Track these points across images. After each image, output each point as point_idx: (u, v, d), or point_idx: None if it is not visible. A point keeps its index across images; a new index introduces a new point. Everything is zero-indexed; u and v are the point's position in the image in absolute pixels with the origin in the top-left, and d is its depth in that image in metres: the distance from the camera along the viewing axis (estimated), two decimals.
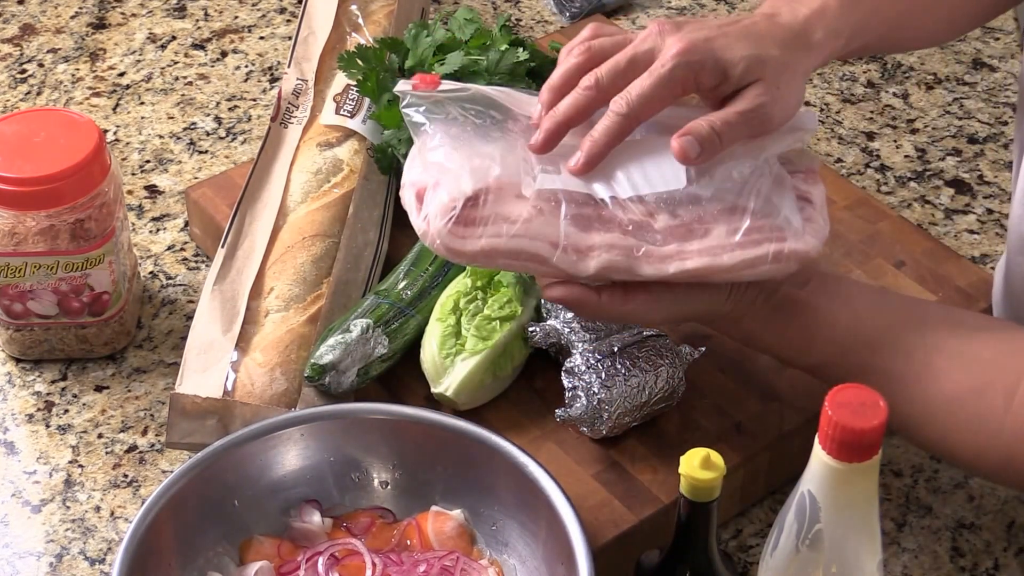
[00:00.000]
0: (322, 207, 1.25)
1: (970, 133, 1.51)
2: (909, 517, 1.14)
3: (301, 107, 1.33)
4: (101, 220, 1.20)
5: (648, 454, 1.11)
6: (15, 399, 1.23)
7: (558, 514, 1.00)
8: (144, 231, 1.39)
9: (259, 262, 1.21)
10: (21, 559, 1.11)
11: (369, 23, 1.40)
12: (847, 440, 0.82)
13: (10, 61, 1.60)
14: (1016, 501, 1.15)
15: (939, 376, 1.00)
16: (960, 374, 1.00)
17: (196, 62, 1.60)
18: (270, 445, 1.06)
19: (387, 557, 1.04)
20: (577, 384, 1.10)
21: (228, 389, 1.13)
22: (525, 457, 1.03)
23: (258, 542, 1.06)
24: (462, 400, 1.13)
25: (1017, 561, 1.11)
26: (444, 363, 1.13)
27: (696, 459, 0.90)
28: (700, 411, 1.15)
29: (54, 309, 1.22)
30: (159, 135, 1.50)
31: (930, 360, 1.00)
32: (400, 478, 1.09)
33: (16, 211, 1.17)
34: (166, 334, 1.29)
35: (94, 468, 1.17)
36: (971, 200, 1.43)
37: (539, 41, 1.48)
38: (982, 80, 1.58)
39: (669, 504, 1.07)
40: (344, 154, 1.29)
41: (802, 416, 1.14)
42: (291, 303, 1.18)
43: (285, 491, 1.07)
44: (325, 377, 1.12)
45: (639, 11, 1.68)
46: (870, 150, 1.49)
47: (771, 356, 1.09)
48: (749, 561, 1.11)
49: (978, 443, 0.99)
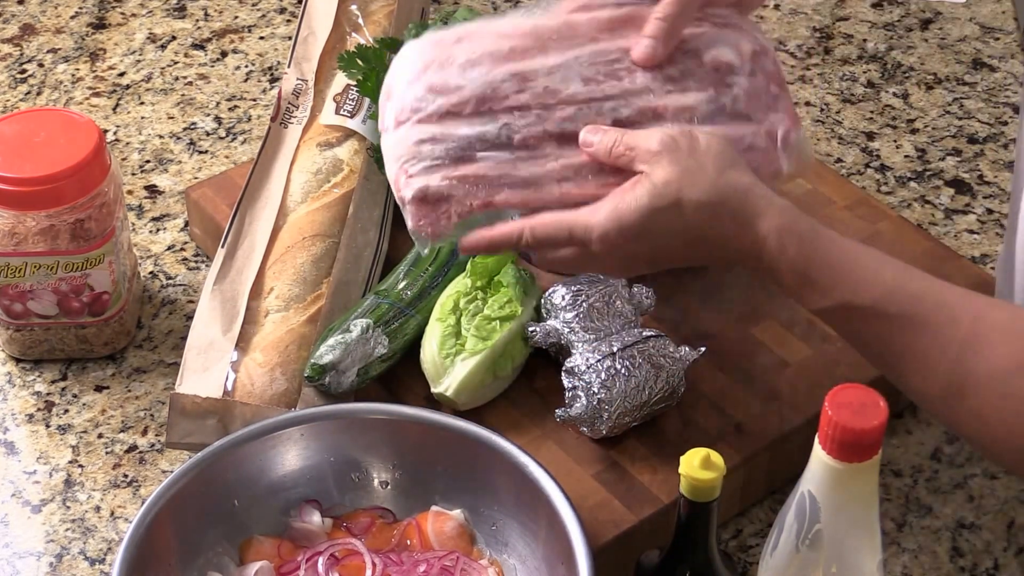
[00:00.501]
0: (322, 207, 1.25)
1: (970, 133, 1.51)
2: (909, 517, 1.14)
3: (301, 107, 1.33)
4: (101, 220, 1.20)
5: (648, 454, 1.11)
6: (15, 399, 1.23)
7: (558, 514, 1.00)
8: (144, 231, 1.39)
9: (259, 262, 1.21)
10: (21, 559, 1.11)
11: (369, 23, 1.40)
12: (847, 440, 0.82)
13: (10, 61, 1.60)
14: (1016, 501, 1.15)
15: (985, 347, 0.95)
16: (1008, 348, 0.95)
17: (196, 62, 1.60)
18: (270, 445, 1.06)
19: (387, 557, 1.04)
20: (577, 384, 1.10)
21: (228, 389, 1.13)
22: (525, 457, 1.03)
23: (258, 542, 1.06)
24: (462, 400, 1.13)
25: (1017, 561, 1.11)
26: (444, 363, 1.13)
27: (696, 459, 0.90)
28: (700, 411, 1.15)
29: (54, 309, 1.22)
30: (159, 135, 1.50)
31: (977, 330, 0.95)
32: (400, 478, 1.09)
33: (16, 211, 1.17)
34: (166, 334, 1.29)
35: (94, 468, 1.17)
36: (971, 200, 1.43)
37: None
38: (982, 80, 1.58)
39: (669, 504, 1.07)
40: (344, 154, 1.29)
41: (802, 416, 1.14)
42: (291, 303, 1.18)
43: (285, 491, 1.07)
44: (325, 377, 1.12)
45: None
46: (870, 150, 1.49)
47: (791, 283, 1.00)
48: (749, 561, 1.11)
49: (1019, 423, 0.94)
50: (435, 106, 1.04)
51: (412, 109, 1.05)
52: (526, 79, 1.04)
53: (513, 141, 1.03)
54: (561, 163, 1.03)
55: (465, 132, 1.03)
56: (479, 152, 1.03)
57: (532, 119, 1.04)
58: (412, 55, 1.07)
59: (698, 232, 0.99)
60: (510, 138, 1.03)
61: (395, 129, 1.06)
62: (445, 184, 1.03)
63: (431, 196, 1.03)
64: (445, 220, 1.03)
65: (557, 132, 1.04)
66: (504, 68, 1.05)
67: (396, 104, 1.06)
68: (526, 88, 1.04)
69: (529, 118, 1.04)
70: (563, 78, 1.05)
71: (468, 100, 1.04)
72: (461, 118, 1.04)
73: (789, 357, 1.19)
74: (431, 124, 1.04)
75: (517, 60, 1.05)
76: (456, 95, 1.04)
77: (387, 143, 1.06)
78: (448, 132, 1.04)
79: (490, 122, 1.04)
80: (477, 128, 1.03)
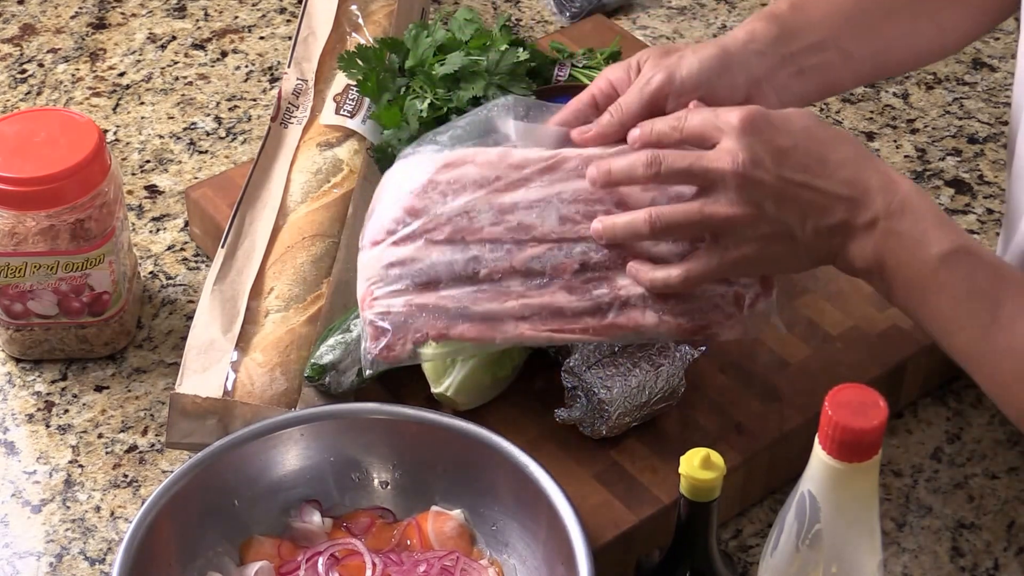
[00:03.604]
0: (322, 207, 1.25)
1: (970, 133, 1.51)
2: (909, 517, 1.14)
3: (301, 107, 1.33)
4: (101, 220, 1.20)
5: (648, 454, 1.11)
6: (15, 399, 1.23)
7: (558, 514, 1.00)
8: (144, 231, 1.39)
9: (259, 262, 1.21)
10: (21, 559, 1.11)
11: (369, 23, 1.40)
12: (847, 440, 0.82)
13: (10, 61, 1.60)
14: (1016, 501, 1.15)
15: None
16: None
17: (196, 62, 1.60)
18: (270, 445, 1.06)
19: (387, 557, 1.04)
20: (577, 384, 1.10)
21: (228, 389, 1.13)
22: (525, 457, 1.03)
23: (258, 542, 1.06)
24: (462, 400, 1.13)
25: (1017, 561, 1.11)
26: (444, 363, 1.13)
27: (696, 459, 0.90)
28: (700, 411, 1.15)
29: (54, 309, 1.22)
30: (159, 135, 1.50)
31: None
32: (400, 478, 1.09)
33: (16, 211, 1.17)
34: (166, 334, 1.29)
35: (94, 468, 1.17)
36: (971, 200, 1.43)
37: (539, 41, 1.48)
38: (982, 80, 1.58)
39: (669, 504, 1.07)
40: (344, 154, 1.29)
41: (802, 416, 1.14)
42: (291, 303, 1.18)
43: (285, 491, 1.07)
44: (325, 377, 1.12)
45: (639, 11, 1.68)
46: (870, 150, 1.49)
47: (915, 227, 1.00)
48: (749, 561, 1.11)
49: None
50: (410, 229, 1.06)
51: (387, 231, 1.07)
52: (504, 211, 1.06)
53: (479, 275, 1.05)
54: (521, 302, 1.05)
55: (434, 259, 1.06)
56: (443, 282, 1.05)
57: (501, 253, 1.05)
58: (399, 172, 1.10)
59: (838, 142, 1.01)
60: (476, 271, 1.05)
61: (370, 248, 1.08)
62: (404, 311, 1.05)
63: (389, 322, 1.06)
64: (400, 346, 1.06)
65: (523, 270, 1.05)
66: (486, 198, 1.06)
67: (375, 223, 1.09)
68: (502, 221, 1.06)
69: (499, 252, 1.05)
70: (540, 214, 1.06)
71: (443, 226, 1.06)
72: (433, 244, 1.06)
73: (789, 357, 1.19)
74: (402, 247, 1.06)
75: (501, 191, 1.07)
76: (432, 221, 1.06)
77: (361, 261, 1.09)
78: (417, 257, 1.06)
79: (460, 252, 1.06)
80: (447, 256, 1.06)
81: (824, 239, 1.01)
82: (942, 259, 0.98)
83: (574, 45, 1.44)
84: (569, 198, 1.06)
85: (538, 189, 1.07)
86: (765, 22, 1.12)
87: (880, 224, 0.99)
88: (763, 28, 1.12)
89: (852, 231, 1.00)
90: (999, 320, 0.97)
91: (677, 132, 1.02)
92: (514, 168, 1.07)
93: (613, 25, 1.54)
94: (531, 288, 1.05)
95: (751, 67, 1.10)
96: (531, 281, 1.05)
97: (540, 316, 1.05)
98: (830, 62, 1.14)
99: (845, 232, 1.00)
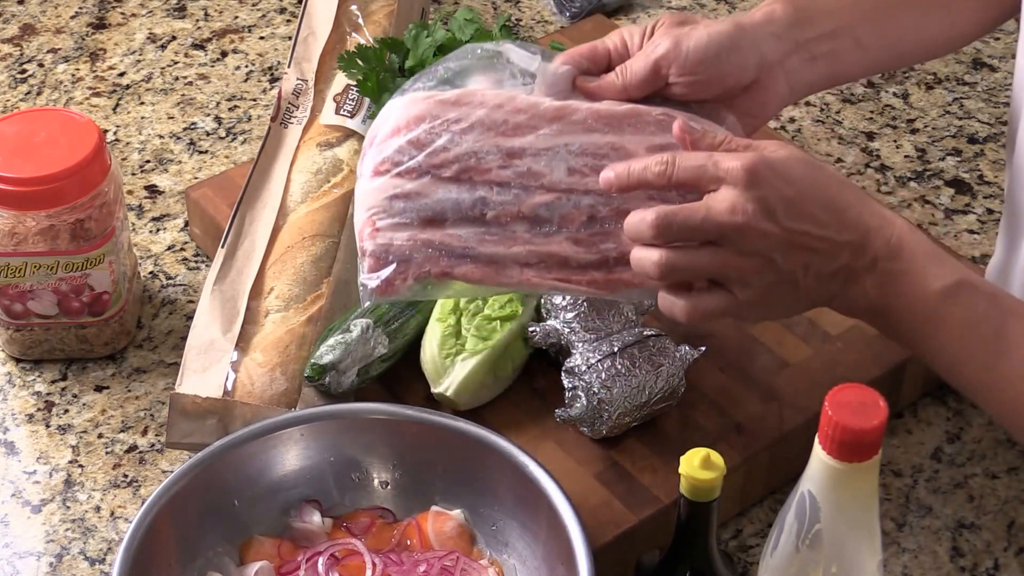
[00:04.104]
0: (322, 207, 1.25)
1: (970, 133, 1.51)
2: (909, 517, 1.14)
3: (301, 107, 1.33)
4: (101, 220, 1.20)
5: (648, 454, 1.11)
6: (15, 399, 1.23)
7: (558, 514, 1.00)
8: (144, 231, 1.39)
9: (259, 262, 1.21)
10: (21, 559, 1.11)
11: (369, 23, 1.40)
12: (847, 440, 0.82)
13: (10, 61, 1.60)
14: (1016, 501, 1.15)
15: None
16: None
17: (196, 62, 1.60)
18: (270, 445, 1.06)
19: (387, 557, 1.04)
20: (577, 384, 1.10)
21: (228, 389, 1.13)
22: (525, 457, 1.03)
23: (258, 542, 1.06)
24: (462, 400, 1.13)
25: (1017, 561, 1.11)
26: (444, 363, 1.13)
27: (696, 459, 0.90)
28: (700, 411, 1.15)
29: (54, 309, 1.22)
30: (159, 135, 1.50)
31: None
32: (400, 478, 1.09)
33: (16, 211, 1.17)
34: (166, 334, 1.29)
35: (94, 468, 1.17)
36: (971, 200, 1.43)
37: (539, 41, 1.48)
38: (982, 80, 1.58)
39: (669, 504, 1.07)
40: (344, 154, 1.29)
41: (802, 416, 1.14)
42: (291, 303, 1.18)
43: (285, 491, 1.07)
44: (325, 377, 1.12)
45: (639, 11, 1.68)
46: (870, 150, 1.49)
47: (914, 262, 1.00)
48: (749, 561, 1.11)
49: None
50: (415, 162, 1.03)
51: (393, 161, 1.04)
52: (512, 155, 1.03)
53: (485, 216, 1.03)
54: (528, 248, 1.03)
55: (440, 196, 1.03)
56: (449, 220, 1.03)
57: (509, 198, 1.03)
58: (403, 105, 1.06)
59: (838, 186, 1.00)
60: (483, 213, 1.03)
61: (371, 177, 1.05)
62: (408, 245, 1.03)
63: (392, 255, 1.03)
64: (400, 281, 1.03)
65: (530, 216, 1.03)
66: (493, 140, 1.04)
67: (377, 152, 1.05)
68: (510, 165, 1.03)
69: (506, 196, 1.03)
70: (549, 162, 1.04)
71: (450, 164, 1.03)
72: (439, 181, 1.03)
73: (789, 357, 1.19)
74: (408, 180, 1.03)
75: (508, 135, 1.04)
76: (439, 156, 1.03)
77: (361, 189, 1.05)
78: (423, 192, 1.03)
79: (467, 191, 1.03)
80: (453, 194, 1.03)
81: (824, 283, 1.00)
82: (943, 294, 0.98)
83: (574, 45, 1.44)
84: (577, 151, 1.04)
85: (546, 137, 1.04)
86: (783, 4, 1.11)
87: (880, 265, 0.99)
88: (782, 11, 1.10)
89: (853, 274, 0.99)
90: (1003, 349, 0.98)
91: (664, 179, 1.00)
92: (521, 112, 1.05)
93: (613, 25, 1.54)
94: (537, 235, 1.03)
95: (765, 49, 1.09)
96: (538, 228, 1.03)
97: (546, 264, 1.03)
98: (842, 51, 1.13)
99: (846, 275, 1.00)
